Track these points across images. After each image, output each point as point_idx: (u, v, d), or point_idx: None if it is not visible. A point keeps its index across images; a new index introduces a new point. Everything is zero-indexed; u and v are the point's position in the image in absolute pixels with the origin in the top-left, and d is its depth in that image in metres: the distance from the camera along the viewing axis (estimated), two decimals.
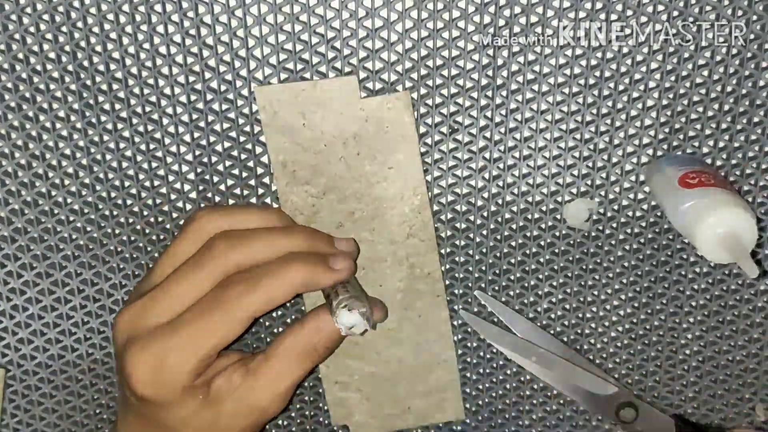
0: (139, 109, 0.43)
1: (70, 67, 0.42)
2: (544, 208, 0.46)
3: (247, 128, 0.44)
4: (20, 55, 0.42)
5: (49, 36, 0.41)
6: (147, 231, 0.45)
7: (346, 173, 0.44)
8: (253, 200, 0.45)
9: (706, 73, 0.43)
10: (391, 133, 0.43)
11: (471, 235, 0.46)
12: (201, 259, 0.39)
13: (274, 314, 0.47)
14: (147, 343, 0.39)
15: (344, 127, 0.43)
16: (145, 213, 0.45)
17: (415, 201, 0.45)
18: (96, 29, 0.41)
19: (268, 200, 0.45)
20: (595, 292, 0.47)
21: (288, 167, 0.44)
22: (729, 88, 0.43)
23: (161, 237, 0.45)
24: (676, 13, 0.42)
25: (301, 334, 0.41)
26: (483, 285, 0.47)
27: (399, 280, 0.46)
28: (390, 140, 0.43)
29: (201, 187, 0.45)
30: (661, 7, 0.42)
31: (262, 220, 0.41)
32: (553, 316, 0.48)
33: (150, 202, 0.45)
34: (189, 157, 0.44)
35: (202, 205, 0.45)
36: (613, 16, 0.42)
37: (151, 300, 0.39)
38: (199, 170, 0.44)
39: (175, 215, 0.45)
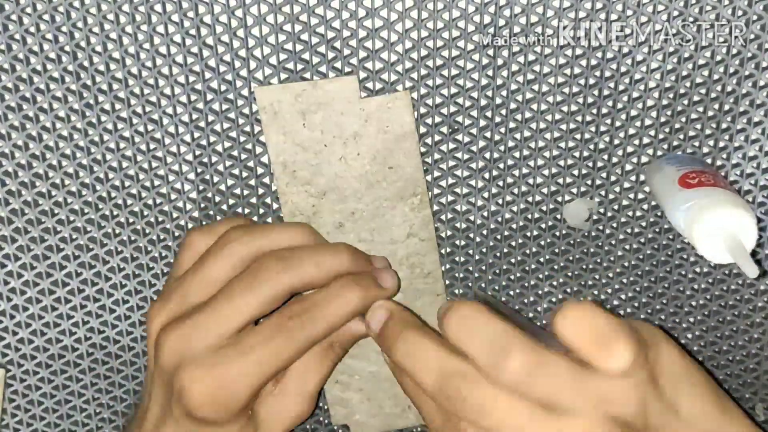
0: (139, 109, 0.43)
1: (70, 67, 0.42)
2: (544, 208, 0.46)
3: (247, 128, 0.44)
4: (20, 55, 0.42)
5: (49, 36, 0.41)
6: (147, 231, 0.45)
7: (346, 173, 0.44)
8: (253, 200, 0.45)
9: (706, 73, 0.43)
10: (391, 133, 0.43)
11: (471, 235, 0.46)
12: (253, 281, 0.39)
13: None
14: (209, 365, 0.39)
15: (344, 127, 0.43)
16: (145, 213, 0.45)
17: (415, 201, 0.45)
18: (96, 29, 0.41)
19: (268, 200, 0.45)
20: (595, 292, 0.47)
21: (288, 167, 0.44)
22: (729, 88, 0.43)
23: (161, 237, 0.45)
24: (676, 13, 0.42)
25: None
26: (483, 285, 0.47)
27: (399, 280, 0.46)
28: (390, 140, 0.43)
29: (201, 187, 0.45)
30: (661, 7, 0.42)
31: (295, 239, 0.42)
32: None
33: (150, 202, 0.45)
34: (189, 157, 0.44)
35: (202, 205, 0.45)
36: (613, 16, 0.42)
37: (204, 320, 0.39)
38: (199, 170, 0.44)
39: (175, 215, 0.45)
